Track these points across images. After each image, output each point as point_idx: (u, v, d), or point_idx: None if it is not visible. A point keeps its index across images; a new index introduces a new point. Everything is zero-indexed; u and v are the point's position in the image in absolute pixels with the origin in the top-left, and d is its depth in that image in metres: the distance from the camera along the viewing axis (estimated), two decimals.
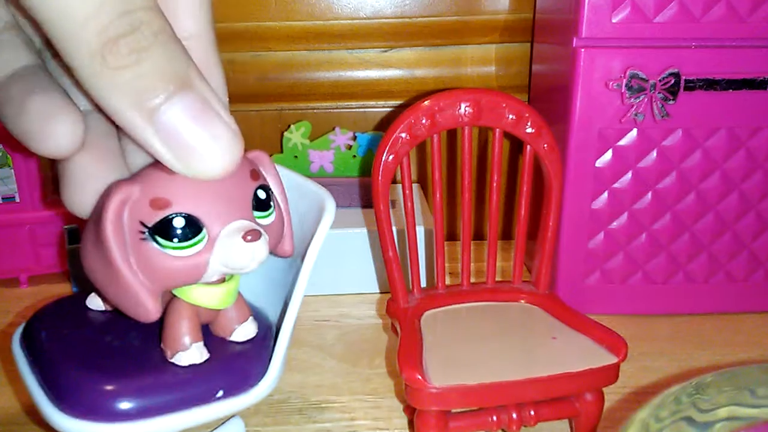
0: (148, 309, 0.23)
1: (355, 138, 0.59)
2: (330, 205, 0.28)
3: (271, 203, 0.26)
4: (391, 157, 0.35)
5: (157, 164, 0.23)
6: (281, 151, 0.59)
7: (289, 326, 0.28)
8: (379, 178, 0.35)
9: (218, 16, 0.61)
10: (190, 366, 0.27)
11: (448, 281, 0.39)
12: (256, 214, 0.25)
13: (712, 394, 0.22)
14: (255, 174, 0.25)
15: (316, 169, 0.59)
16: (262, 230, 0.24)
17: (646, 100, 0.45)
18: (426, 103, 0.35)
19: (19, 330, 0.30)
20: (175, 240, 0.23)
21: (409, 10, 0.62)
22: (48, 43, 0.25)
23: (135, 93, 0.20)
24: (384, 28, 0.62)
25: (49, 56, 0.25)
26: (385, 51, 0.64)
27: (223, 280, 0.27)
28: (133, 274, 0.23)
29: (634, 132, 0.46)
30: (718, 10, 0.43)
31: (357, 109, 0.65)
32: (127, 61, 0.20)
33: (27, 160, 0.51)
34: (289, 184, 0.29)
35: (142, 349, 0.28)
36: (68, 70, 0.21)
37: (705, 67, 0.44)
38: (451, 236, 0.68)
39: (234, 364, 0.28)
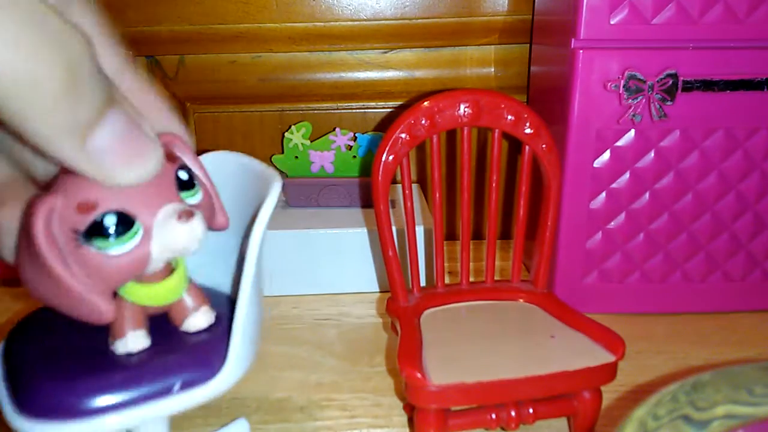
0: (102, 311, 0.24)
1: (355, 138, 0.59)
2: (276, 181, 0.28)
3: (195, 182, 0.26)
4: (391, 157, 0.36)
5: (69, 171, 0.23)
6: (282, 152, 0.59)
7: (242, 313, 0.27)
8: (379, 178, 0.36)
9: (220, 17, 0.61)
10: (145, 360, 0.26)
11: (447, 280, 0.40)
12: (183, 194, 0.25)
13: (709, 392, 0.22)
14: (171, 157, 0.26)
15: (316, 170, 0.59)
16: (193, 209, 0.25)
17: (643, 101, 0.45)
18: (426, 103, 0.36)
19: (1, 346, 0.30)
20: (111, 238, 0.23)
21: (409, 12, 0.62)
22: None
23: (66, 121, 0.20)
24: (384, 29, 0.63)
25: None
26: (385, 52, 0.64)
27: (168, 274, 0.27)
28: (79, 282, 0.23)
29: (632, 132, 0.46)
30: (716, 12, 0.44)
31: (357, 110, 0.66)
32: (57, 92, 0.20)
33: None
34: (236, 167, 0.30)
35: (103, 350, 0.27)
36: None
37: (702, 68, 0.45)
38: (451, 236, 0.69)
39: (190, 357, 0.27)
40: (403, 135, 0.36)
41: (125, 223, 0.23)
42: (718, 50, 0.45)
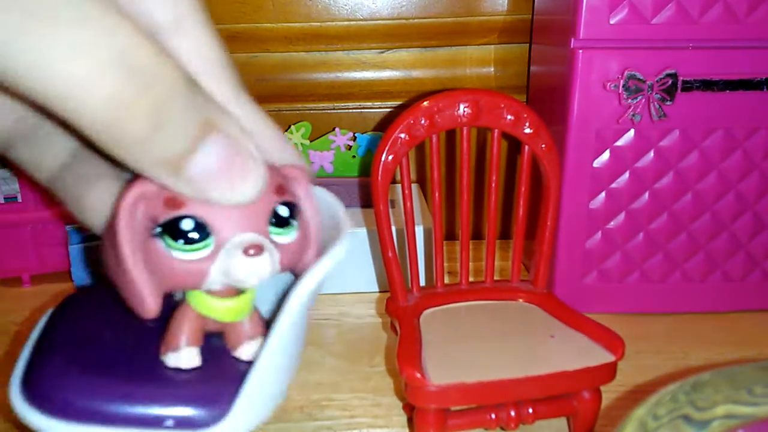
0: (145, 304, 0.24)
1: (354, 138, 0.59)
2: (344, 238, 0.27)
3: (293, 221, 0.25)
4: (390, 157, 0.36)
5: None
6: None
7: (264, 364, 0.25)
8: (379, 178, 0.36)
9: (216, 17, 0.61)
10: (146, 382, 0.25)
11: (447, 280, 0.40)
12: (273, 230, 0.24)
13: (709, 392, 0.22)
14: (281, 189, 0.25)
15: (316, 170, 0.59)
16: (269, 246, 0.24)
17: (643, 100, 0.45)
18: (425, 103, 0.36)
19: (46, 315, 0.30)
20: (181, 242, 0.23)
21: (406, 12, 0.62)
22: None
23: (157, 155, 0.20)
24: (381, 29, 0.63)
25: None
26: (382, 52, 0.64)
27: (235, 294, 0.26)
28: (137, 268, 0.23)
29: (632, 132, 0.46)
30: (716, 12, 0.44)
31: (355, 110, 0.66)
32: (144, 132, 0.19)
33: None
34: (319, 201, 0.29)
35: (128, 354, 0.27)
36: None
37: (702, 68, 0.45)
38: (450, 236, 0.69)
39: (190, 392, 0.25)
40: (402, 135, 0.36)
41: (200, 233, 0.23)
42: (718, 50, 0.45)
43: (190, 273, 0.23)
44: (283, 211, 0.24)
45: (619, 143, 0.46)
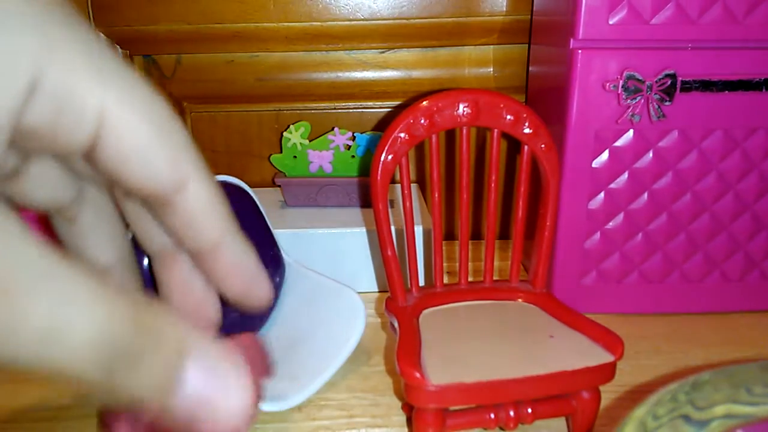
0: None
1: (354, 138, 0.59)
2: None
3: None
4: (390, 157, 0.36)
5: None
6: (281, 151, 0.59)
7: None
8: (378, 177, 0.36)
9: (217, 16, 0.61)
10: None
11: (446, 280, 0.40)
12: None
13: (708, 392, 0.22)
14: None
15: (315, 169, 0.59)
16: None
17: (642, 101, 0.45)
18: (425, 103, 0.36)
19: None
20: None
21: (406, 12, 0.62)
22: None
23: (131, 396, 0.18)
24: (381, 29, 0.63)
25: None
26: (383, 52, 0.64)
27: None
28: None
29: (631, 133, 0.46)
30: (715, 12, 0.44)
31: (354, 110, 0.66)
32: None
33: None
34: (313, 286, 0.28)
35: None
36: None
37: (701, 68, 0.45)
38: (450, 236, 0.68)
39: None
40: (402, 134, 0.36)
41: None
42: (717, 50, 0.45)
43: None
44: None
45: (618, 143, 0.46)
